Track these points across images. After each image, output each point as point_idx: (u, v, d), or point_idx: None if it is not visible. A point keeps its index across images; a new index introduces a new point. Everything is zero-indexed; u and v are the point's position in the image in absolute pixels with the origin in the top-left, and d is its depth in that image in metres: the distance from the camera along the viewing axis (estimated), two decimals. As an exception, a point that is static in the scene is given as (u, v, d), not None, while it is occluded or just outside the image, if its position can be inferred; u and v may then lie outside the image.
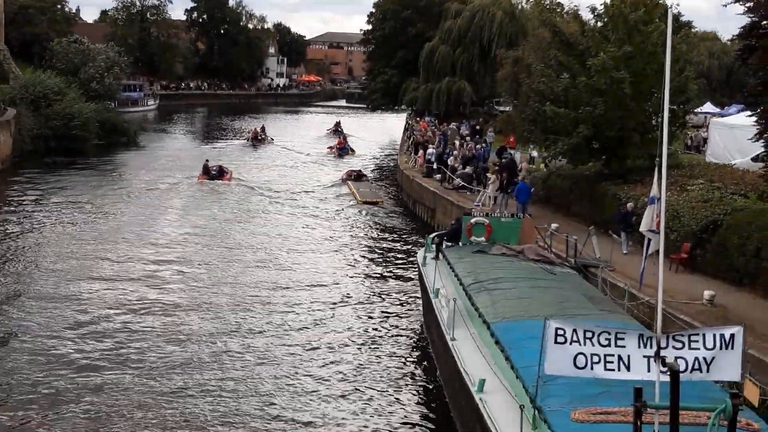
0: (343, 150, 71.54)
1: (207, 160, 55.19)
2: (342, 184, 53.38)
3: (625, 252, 26.22)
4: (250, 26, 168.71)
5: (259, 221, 41.48)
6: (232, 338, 23.41)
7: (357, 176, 54.45)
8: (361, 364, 21.86)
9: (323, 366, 21.59)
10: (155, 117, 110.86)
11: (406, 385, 20.63)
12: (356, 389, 20.18)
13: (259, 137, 77.60)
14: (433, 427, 18.29)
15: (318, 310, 26.56)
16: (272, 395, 19.52)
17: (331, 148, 72.26)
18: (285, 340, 23.44)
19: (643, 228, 18.50)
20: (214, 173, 52.77)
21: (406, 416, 18.80)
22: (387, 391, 20.14)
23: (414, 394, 20.08)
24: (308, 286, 29.38)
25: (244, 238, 36.95)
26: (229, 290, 28.33)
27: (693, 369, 11.14)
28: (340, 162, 66.33)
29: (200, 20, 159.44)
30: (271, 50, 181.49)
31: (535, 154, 43.82)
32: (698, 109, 53.31)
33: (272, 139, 78.83)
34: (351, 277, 31.17)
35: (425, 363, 21.98)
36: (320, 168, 63.29)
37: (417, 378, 21.12)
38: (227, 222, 40.46)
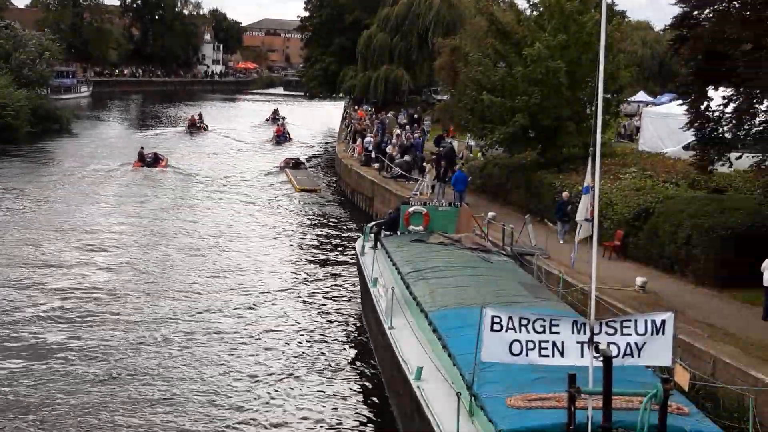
0: (281, 137, 71.55)
1: (142, 147, 55.00)
2: (280, 171, 53.42)
3: (561, 241, 26.55)
4: (186, 12, 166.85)
5: (195, 209, 41.20)
6: (164, 326, 23.19)
7: (295, 164, 54.49)
8: (298, 353, 21.82)
9: (259, 353, 21.51)
10: (89, 104, 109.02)
11: (344, 373, 20.65)
12: (293, 377, 20.13)
13: (197, 124, 77.33)
14: (370, 414, 18.35)
15: (254, 298, 26.44)
16: (204, 382, 19.37)
17: (271, 140, 71.98)
18: (220, 328, 23.27)
19: (579, 217, 18.80)
20: (150, 160, 52.68)
21: (343, 404, 18.82)
22: (324, 379, 20.12)
23: (352, 383, 20.11)
24: (245, 275, 29.22)
25: (179, 226, 36.62)
26: (163, 278, 28.09)
27: (625, 354, 11.40)
28: (279, 150, 66.26)
29: (134, 5, 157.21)
30: (207, 36, 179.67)
31: (472, 143, 44.08)
32: (631, 98, 54.18)
33: (208, 127, 78.50)
34: (289, 266, 31.08)
35: (363, 352, 22.03)
36: (258, 156, 63.18)
37: (355, 366, 21.15)
38: (163, 210, 40.08)
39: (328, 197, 46.35)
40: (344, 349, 22.46)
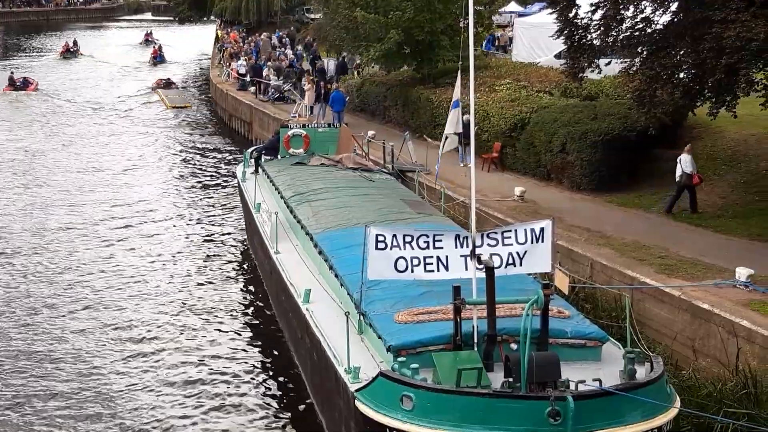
0: (158, 59, 71.77)
1: (12, 72, 56.25)
2: (152, 92, 54.34)
3: (462, 164, 26.30)
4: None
5: (68, 133, 41.35)
6: (32, 266, 22.69)
7: (166, 84, 55.58)
8: (184, 287, 21.57)
9: (144, 291, 21.19)
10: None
11: (233, 302, 20.55)
12: (179, 308, 19.99)
13: (71, 50, 77.15)
14: (261, 341, 18.38)
15: (136, 231, 26.00)
16: (87, 329, 18.95)
17: (148, 62, 72.03)
18: (102, 262, 22.92)
19: (448, 131, 18.91)
20: (20, 84, 53.78)
21: (232, 330, 18.80)
22: (213, 311, 19.98)
23: (240, 310, 20.08)
24: (123, 207, 28.64)
25: (48, 155, 36.46)
26: (31, 213, 27.64)
27: (507, 264, 11.67)
28: (156, 71, 65.89)
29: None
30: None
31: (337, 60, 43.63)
32: (503, 9, 54.33)
33: (83, 53, 78.10)
34: (169, 198, 30.52)
35: (251, 279, 21.96)
36: (134, 78, 63.01)
37: (243, 295, 21.09)
38: (31, 137, 40.01)
39: (205, 123, 45.72)
40: (230, 277, 22.32)
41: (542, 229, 11.69)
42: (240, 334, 18.66)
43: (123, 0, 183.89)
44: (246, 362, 17.25)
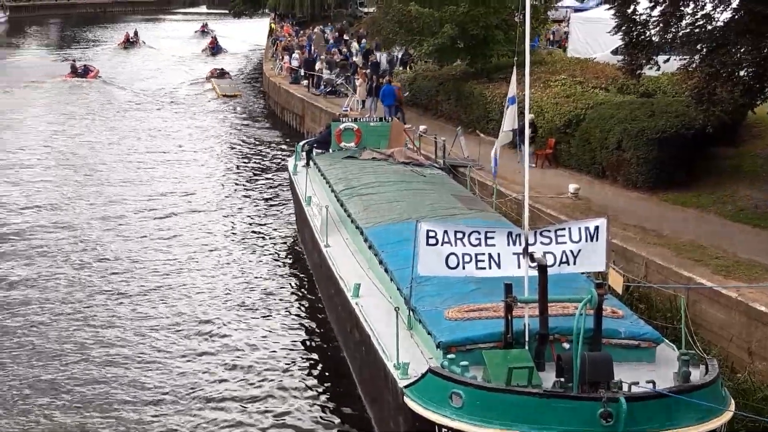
0: (215, 49, 73.58)
1: (74, 60, 59.37)
2: (206, 81, 55.98)
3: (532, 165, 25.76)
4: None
5: (123, 119, 42.92)
6: (86, 254, 23.01)
7: (220, 74, 57.01)
8: (235, 276, 21.67)
9: (195, 279, 21.30)
10: (5, 31, 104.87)
11: (282, 294, 20.56)
12: (230, 299, 20.03)
13: (131, 40, 79.64)
14: (310, 333, 18.38)
15: (185, 221, 26.24)
16: (144, 308, 19.21)
17: (205, 50, 74.28)
18: (156, 251, 23.14)
19: (507, 128, 18.73)
20: (81, 72, 56.29)
21: (282, 323, 18.81)
22: (263, 303, 20.01)
23: (290, 303, 20.07)
24: (174, 197, 29.02)
25: (106, 137, 38.01)
26: (92, 197, 28.48)
27: (561, 262, 11.49)
28: (214, 61, 67.52)
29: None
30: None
31: (400, 55, 43.63)
32: (559, 4, 53.88)
33: (144, 43, 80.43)
34: (220, 188, 30.73)
35: (301, 272, 21.96)
36: (189, 68, 64.61)
37: (292, 288, 21.09)
38: (91, 120, 41.78)
39: (257, 116, 46.14)
40: (281, 269, 22.36)
41: (597, 228, 11.50)
42: (289, 328, 18.66)
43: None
44: (294, 355, 17.23)
